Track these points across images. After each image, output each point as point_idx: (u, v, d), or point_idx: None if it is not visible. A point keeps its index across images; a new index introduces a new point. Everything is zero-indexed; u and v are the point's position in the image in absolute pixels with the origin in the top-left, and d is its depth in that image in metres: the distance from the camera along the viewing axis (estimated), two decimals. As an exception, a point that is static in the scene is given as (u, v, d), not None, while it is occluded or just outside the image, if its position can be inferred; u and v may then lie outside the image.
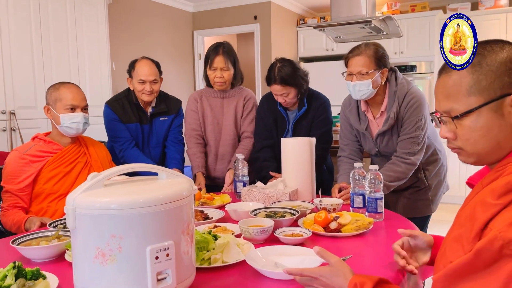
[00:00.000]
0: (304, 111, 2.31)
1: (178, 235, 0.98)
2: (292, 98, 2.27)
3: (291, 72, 2.24)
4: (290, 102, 2.29)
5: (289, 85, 2.23)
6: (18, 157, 1.95)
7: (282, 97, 2.26)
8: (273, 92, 2.29)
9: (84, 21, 3.78)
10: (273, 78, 2.24)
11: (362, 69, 1.93)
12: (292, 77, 2.23)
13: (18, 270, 1.04)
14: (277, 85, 2.23)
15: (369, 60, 1.94)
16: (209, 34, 5.95)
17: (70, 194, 0.96)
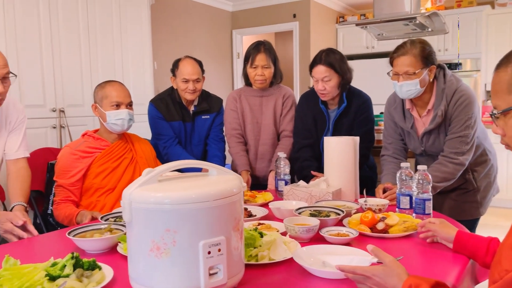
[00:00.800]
0: (344, 108, 2.27)
1: (229, 231, 0.99)
2: (332, 86, 2.20)
3: (339, 58, 2.21)
4: (329, 92, 2.22)
5: (333, 69, 2.18)
6: (69, 153, 2.03)
7: (322, 82, 2.19)
8: (315, 76, 2.21)
9: (128, 22, 3.89)
10: (318, 59, 2.20)
11: (408, 69, 1.89)
12: (338, 62, 2.19)
13: (75, 260, 1.09)
14: (321, 66, 2.17)
15: (415, 60, 1.88)
16: (248, 33, 5.99)
17: (126, 189, 1.00)
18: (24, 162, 1.85)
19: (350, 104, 2.28)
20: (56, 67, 3.31)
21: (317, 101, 2.33)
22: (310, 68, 2.26)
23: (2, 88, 1.62)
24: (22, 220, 1.54)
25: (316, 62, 2.21)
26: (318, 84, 2.22)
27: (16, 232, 1.52)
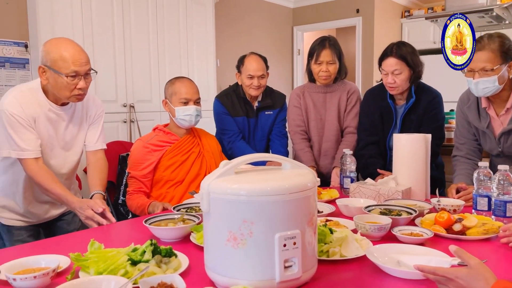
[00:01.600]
0: (413, 104, 2.18)
1: (303, 225, 0.99)
2: (403, 80, 2.12)
3: (411, 51, 2.14)
4: (400, 86, 2.14)
5: (405, 62, 2.11)
6: (142, 146, 2.13)
7: (392, 76, 2.12)
8: (385, 68, 2.15)
9: (194, 21, 4.01)
10: (389, 51, 2.14)
11: (486, 65, 1.78)
12: (410, 54, 2.12)
13: (154, 247, 1.14)
14: (392, 58, 2.11)
15: (493, 55, 1.77)
16: (309, 30, 5.94)
17: (204, 179, 1.03)
18: (102, 154, 1.96)
19: (419, 99, 2.19)
20: (128, 64, 3.49)
21: (384, 96, 2.26)
22: (379, 61, 2.20)
23: (84, 83, 1.73)
24: (101, 207, 1.64)
25: (386, 55, 2.15)
26: (387, 78, 2.14)
27: (96, 219, 1.62)
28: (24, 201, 1.84)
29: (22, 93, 1.72)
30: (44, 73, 1.72)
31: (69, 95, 1.72)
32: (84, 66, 1.72)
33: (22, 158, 1.69)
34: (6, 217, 1.87)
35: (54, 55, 1.68)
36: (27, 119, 1.69)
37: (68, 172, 1.91)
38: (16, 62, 3.22)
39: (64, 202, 1.71)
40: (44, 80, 1.73)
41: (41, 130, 1.75)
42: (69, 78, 1.68)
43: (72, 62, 1.68)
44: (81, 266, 1.09)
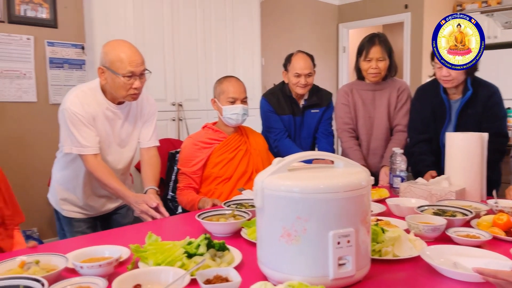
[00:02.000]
0: (470, 97, 2.09)
1: (357, 223, 0.99)
2: (458, 72, 2.02)
3: None
4: (455, 78, 2.05)
5: None
6: (192, 143, 2.19)
7: (447, 68, 2.02)
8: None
9: (240, 20, 4.05)
10: None
11: None
12: None
13: (208, 241, 1.18)
14: None
15: None
16: (354, 27, 5.84)
17: (258, 176, 1.05)
18: (155, 151, 2.04)
19: (476, 93, 2.10)
20: (176, 64, 3.59)
21: (437, 91, 2.18)
22: (432, 55, 2.13)
23: (139, 83, 1.80)
24: (156, 202, 1.70)
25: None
26: (442, 70, 2.06)
27: (150, 213, 1.69)
28: (84, 194, 1.94)
29: (83, 92, 1.82)
30: (103, 73, 1.81)
31: (125, 94, 1.80)
32: (139, 66, 1.79)
33: (82, 154, 1.79)
34: (67, 209, 1.98)
35: (112, 57, 1.77)
36: (87, 117, 1.79)
37: (123, 167, 2.00)
38: (73, 63, 3.40)
39: (120, 196, 1.80)
40: (103, 80, 1.82)
41: (100, 127, 1.84)
42: (125, 78, 1.76)
43: (129, 63, 1.76)
44: (140, 257, 1.14)
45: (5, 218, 1.46)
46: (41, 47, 3.26)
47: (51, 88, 3.32)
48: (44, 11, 3.24)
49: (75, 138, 1.78)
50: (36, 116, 3.28)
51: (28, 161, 3.25)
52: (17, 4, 3.11)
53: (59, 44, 3.33)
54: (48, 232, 3.36)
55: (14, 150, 3.17)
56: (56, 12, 3.29)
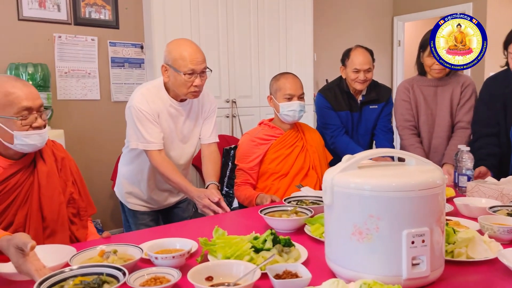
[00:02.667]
0: None
1: (432, 223, 0.96)
2: None
3: None
4: None
5: None
6: (249, 139, 2.21)
7: None
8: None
9: (293, 15, 4.04)
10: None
11: None
12: None
13: (273, 236, 1.19)
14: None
15: None
16: (410, 19, 5.64)
17: (327, 173, 1.04)
18: (215, 146, 2.08)
19: None
20: (230, 62, 3.64)
21: (508, 82, 2.06)
22: (505, 44, 2.03)
23: (199, 81, 1.84)
24: (217, 197, 1.74)
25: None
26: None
27: (212, 208, 1.73)
28: (148, 188, 2.02)
29: (148, 90, 1.89)
30: (166, 71, 1.87)
31: (186, 92, 1.85)
32: (200, 64, 1.83)
33: (147, 150, 1.86)
34: (132, 202, 2.07)
35: (175, 55, 1.82)
36: (153, 114, 1.85)
37: (185, 163, 2.06)
38: (133, 62, 3.54)
39: (183, 191, 1.85)
40: (166, 78, 1.88)
41: (163, 124, 1.91)
42: (186, 76, 1.80)
43: (190, 61, 1.80)
44: (209, 250, 1.18)
45: (80, 209, 1.55)
46: (104, 47, 3.42)
47: (113, 86, 3.48)
48: (107, 13, 3.39)
49: (141, 134, 1.85)
50: (99, 113, 3.45)
51: (91, 156, 3.43)
52: (82, 7, 3.28)
53: (120, 44, 3.47)
54: (109, 224, 3.54)
55: (79, 145, 3.36)
56: (117, 13, 3.44)
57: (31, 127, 1.35)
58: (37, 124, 1.37)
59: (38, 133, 1.37)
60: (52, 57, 3.21)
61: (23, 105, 1.33)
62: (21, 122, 1.33)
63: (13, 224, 1.37)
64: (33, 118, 1.36)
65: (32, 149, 1.39)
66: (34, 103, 1.36)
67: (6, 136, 1.34)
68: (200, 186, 3.51)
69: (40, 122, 1.38)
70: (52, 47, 3.21)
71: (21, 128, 1.33)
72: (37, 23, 3.14)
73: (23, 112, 1.33)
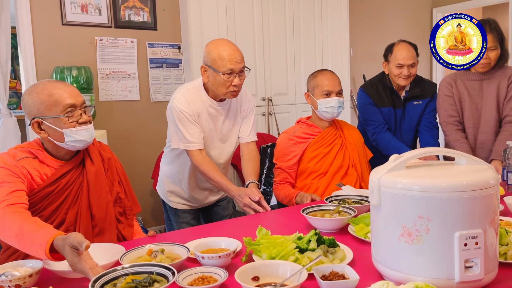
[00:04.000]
0: None
1: (485, 224, 0.93)
2: None
3: None
4: None
5: None
6: (287, 138, 2.21)
7: None
8: None
9: (329, 10, 3.99)
10: None
11: None
12: None
13: (318, 236, 1.18)
14: None
15: None
16: (451, 11, 5.44)
17: (374, 173, 1.03)
18: (253, 145, 2.09)
19: None
20: (266, 60, 3.64)
21: None
22: None
23: (238, 81, 1.85)
24: (258, 196, 1.75)
25: None
26: None
27: (253, 207, 1.74)
28: (189, 187, 2.06)
29: (188, 91, 1.92)
30: (205, 72, 1.89)
31: (226, 91, 1.86)
32: (239, 64, 1.84)
33: (188, 150, 1.90)
34: (174, 201, 2.12)
35: (214, 55, 1.84)
36: (193, 114, 1.88)
37: (225, 162, 2.08)
38: (171, 63, 3.60)
39: (224, 189, 1.87)
40: (205, 78, 1.90)
41: (203, 124, 1.94)
42: (225, 76, 1.82)
43: (229, 61, 1.81)
44: (254, 250, 1.18)
45: (126, 208, 1.59)
46: (143, 49, 3.50)
47: (152, 87, 3.56)
48: (145, 15, 3.47)
49: (182, 135, 1.88)
50: (139, 113, 3.54)
51: (132, 155, 3.53)
52: (122, 10, 3.37)
53: (158, 45, 3.55)
54: (151, 222, 3.63)
55: (121, 145, 3.46)
56: (155, 15, 3.51)
57: (77, 123, 1.41)
58: (83, 120, 1.42)
59: (85, 129, 1.42)
60: (94, 59, 3.32)
61: (67, 103, 1.39)
62: (68, 119, 1.39)
63: (65, 223, 1.42)
64: (78, 114, 1.42)
65: (83, 145, 1.44)
66: (77, 100, 1.42)
67: (56, 135, 1.40)
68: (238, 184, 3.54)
69: (86, 117, 1.44)
70: (94, 50, 3.32)
71: (69, 125, 1.39)
72: (80, 27, 3.26)
73: (68, 109, 1.39)
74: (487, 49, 2.14)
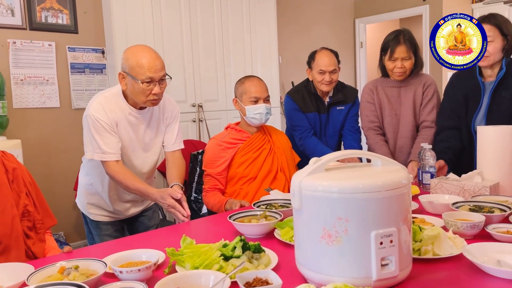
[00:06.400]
0: (504, 78, 2.05)
1: (399, 223, 0.97)
2: (495, 48, 2.01)
3: (505, 20, 2.07)
4: (492, 54, 2.02)
5: (498, 30, 2.02)
6: (216, 144, 2.18)
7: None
8: None
9: (257, 18, 4.04)
10: (482, 19, 2.05)
11: None
12: (504, 23, 2.04)
13: (243, 243, 1.17)
14: (486, 25, 2.00)
15: None
16: (371, 21, 5.78)
17: (295, 177, 1.03)
18: (179, 153, 2.04)
19: (510, 73, 2.05)
20: (195, 66, 3.60)
21: (472, 74, 2.13)
22: None
23: (158, 89, 1.78)
24: (180, 193, 1.70)
25: (484, 21, 2.04)
26: None
27: (178, 208, 1.68)
28: (110, 199, 1.95)
29: (106, 98, 1.82)
30: (123, 79, 1.80)
31: (145, 100, 1.79)
32: (159, 72, 1.77)
33: (104, 161, 1.79)
34: (94, 213, 2.00)
35: (132, 62, 1.75)
36: (110, 123, 1.79)
37: (148, 171, 2.01)
38: (94, 68, 3.43)
39: (145, 195, 1.80)
40: (123, 86, 1.82)
41: (123, 133, 1.85)
42: (144, 84, 1.74)
43: (148, 69, 1.74)
44: (177, 261, 1.14)
45: (36, 222, 1.47)
46: (62, 53, 3.30)
47: (73, 93, 3.36)
48: (64, 17, 3.27)
49: (97, 144, 1.78)
50: (59, 121, 3.32)
51: (53, 165, 3.30)
52: (38, 11, 3.15)
53: (80, 49, 3.36)
54: (74, 236, 3.41)
55: (40, 155, 3.23)
56: (76, 17, 3.33)
57: None
58: None
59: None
60: (7, 64, 3.07)
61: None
62: None
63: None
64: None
65: None
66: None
67: None
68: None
69: None
70: (7, 53, 3.07)
71: None
72: (-10, 29, 3.00)
73: None
74: (402, 59, 2.28)
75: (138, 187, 1.78)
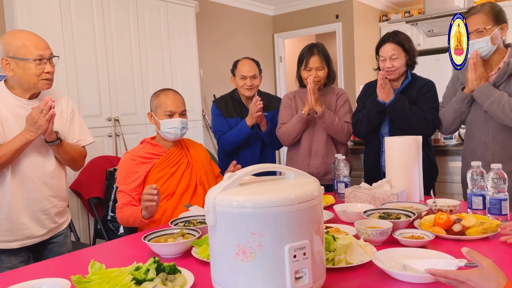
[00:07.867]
0: (409, 85, 2.29)
1: (312, 234, 0.98)
2: (399, 64, 2.26)
3: (406, 37, 2.30)
4: (398, 68, 2.27)
5: (401, 47, 2.25)
6: (129, 158, 2.08)
7: (390, 61, 2.25)
8: (383, 54, 2.28)
9: (175, 31, 3.98)
10: (386, 38, 2.28)
11: (479, 26, 1.92)
12: (406, 40, 2.27)
13: (157, 264, 1.11)
14: (390, 44, 2.25)
15: (486, 17, 1.93)
16: (289, 36, 5.99)
17: (209, 193, 1.01)
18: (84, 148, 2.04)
19: (414, 83, 2.31)
20: (111, 78, 3.44)
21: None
22: (377, 48, 2.34)
23: (50, 67, 1.75)
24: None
25: (384, 41, 2.29)
26: (385, 63, 2.27)
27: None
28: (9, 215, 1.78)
29: None
30: (7, 65, 1.71)
31: (37, 80, 1.73)
32: (47, 50, 1.75)
33: None
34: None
35: (17, 43, 1.70)
36: None
37: (54, 169, 1.88)
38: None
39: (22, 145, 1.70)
40: (9, 72, 1.72)
41: (15, 129, 1.72)
42: (36, 62, 1.70)
43: (35, 47, 1.71)
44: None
45: None
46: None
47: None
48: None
49: None
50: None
51: None
52: None
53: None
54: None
55: None
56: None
57: None
58: None
59: None
60: None
61: None
62: None
63: None
64: None
65: None
66: None
67: None
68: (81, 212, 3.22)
69: None
70: None
71: None
72: None
73: None
74: (316, 69, 2.42)
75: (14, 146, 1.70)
